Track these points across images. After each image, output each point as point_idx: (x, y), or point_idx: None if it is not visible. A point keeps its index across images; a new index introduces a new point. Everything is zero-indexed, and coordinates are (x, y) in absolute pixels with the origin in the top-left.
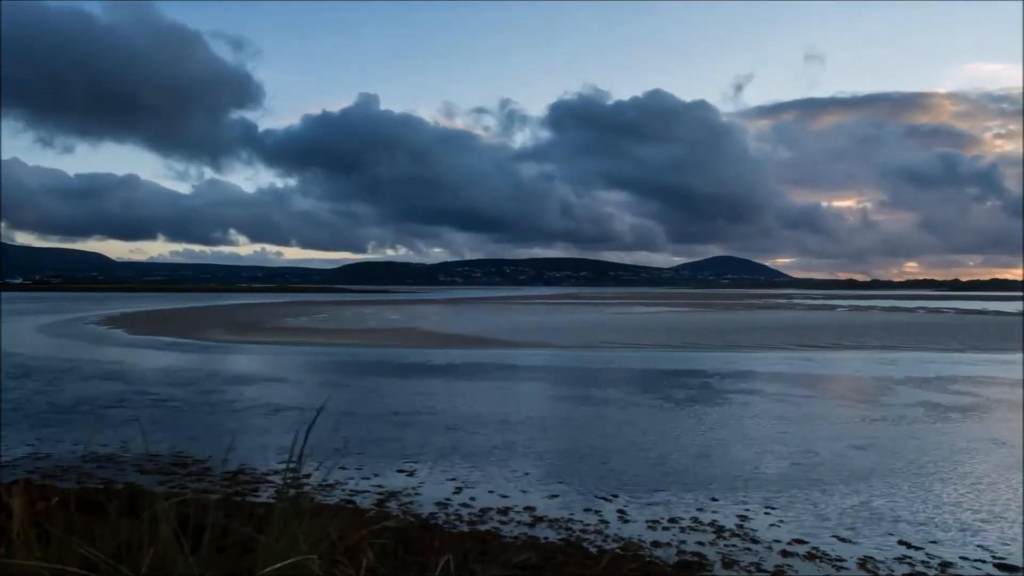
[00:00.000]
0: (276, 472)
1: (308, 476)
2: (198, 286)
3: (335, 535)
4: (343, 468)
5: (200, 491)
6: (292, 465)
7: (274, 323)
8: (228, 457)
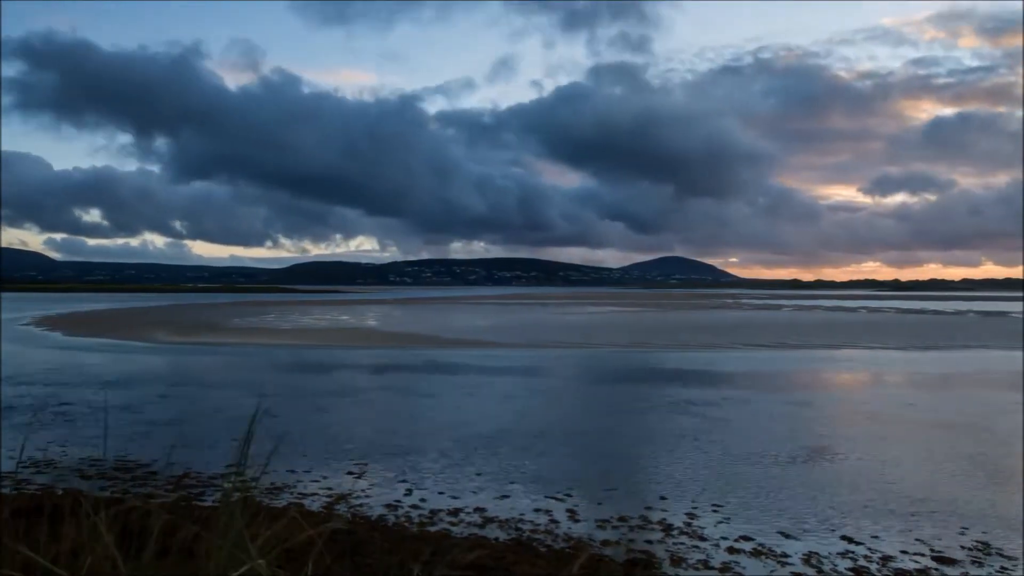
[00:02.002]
0: (223, 476)
1: (256, 479)
2: (142, 286)
3: (282, 538)
4: (292, 471)
5: (144, 496)
6: (237, 468)
7: (220, 323)
8: (173, 461)
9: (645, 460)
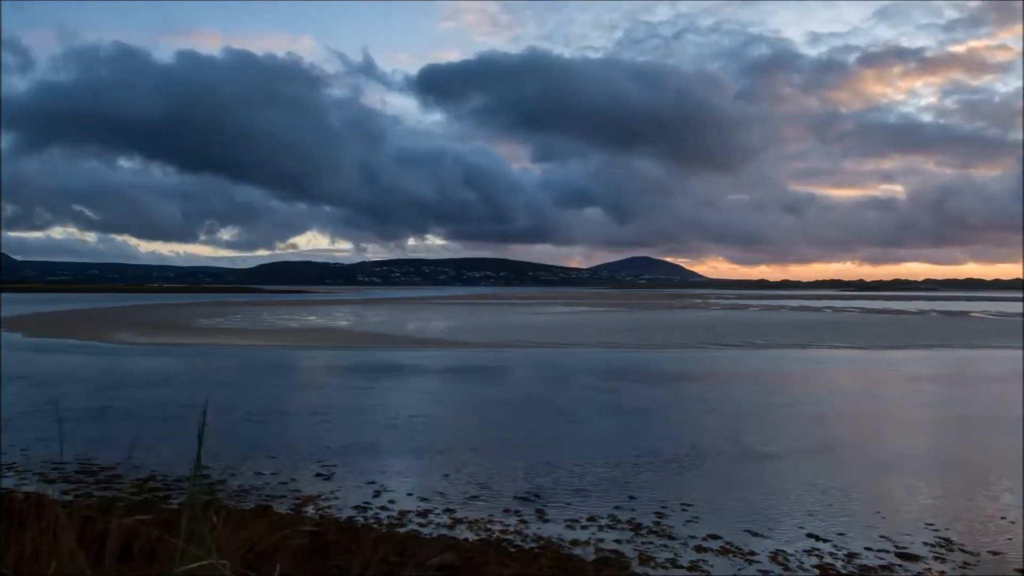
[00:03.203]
0: (189, 478)
1: (223, 482)
2: (106, 286)
3: (249, 540)
4: (259, 473)
5: (107, 499)
6: (202, 470)
7: (185, 324)
8: (138, 463)
9: (613, 460)
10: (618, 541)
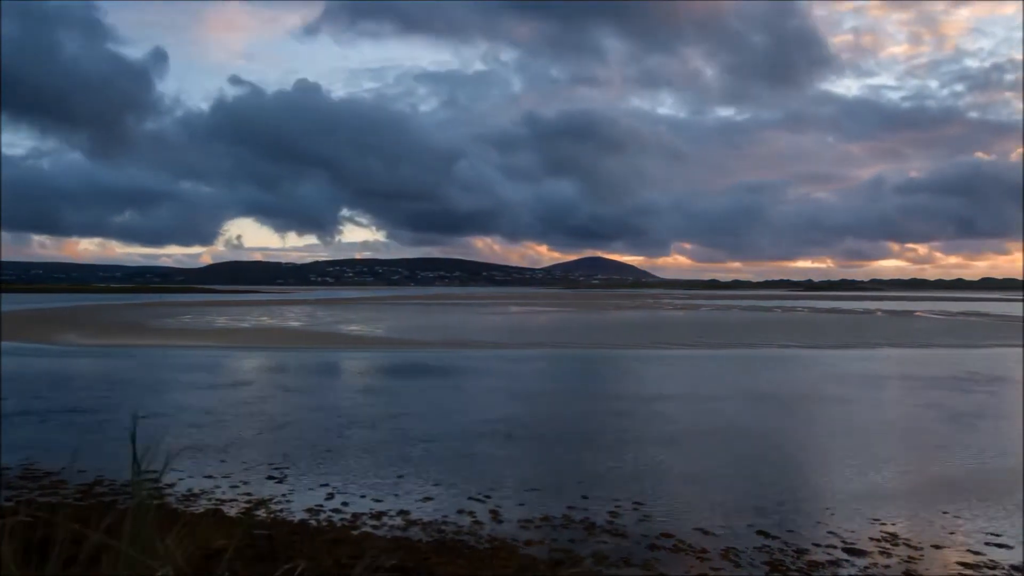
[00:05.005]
0: (136, 482)
1: (172, 485)
2: (51, 286)
3: (196, 543)
4: (209, 477)
5: (51, 504)
6: (145, 474)
7: (134, 325)
8: (83, 468)
9: (566, 460)
10: (572, 541)
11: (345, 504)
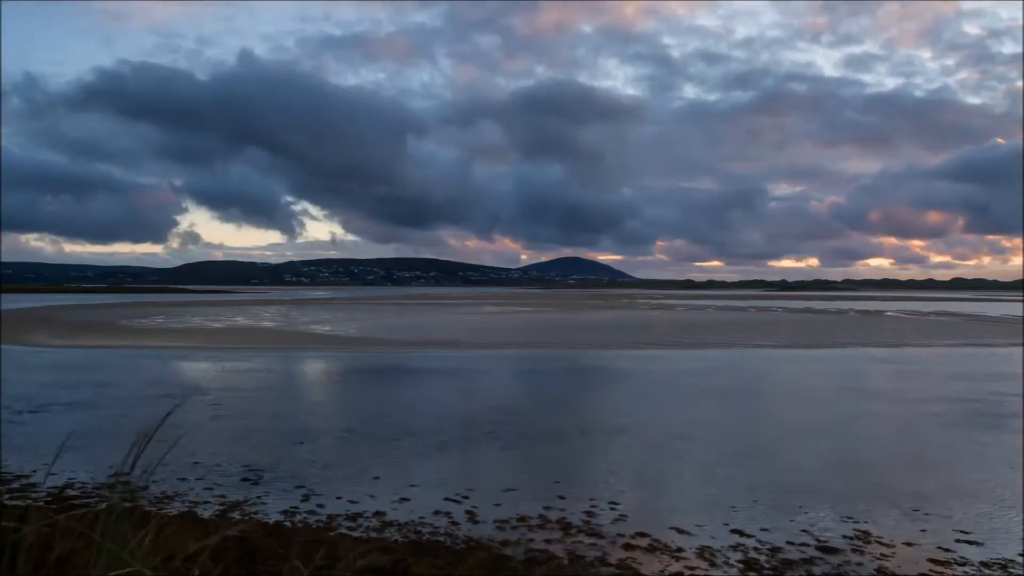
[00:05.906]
0: (109, 485)
1: (145, 488)
2: (21, 286)
3: (170, 546)
4: (183, 479)
5: (21, 507)
6: (121, 476)
7: (106, 325)
8: (54, 471)
9: (542, 460)
10: (548, 540)
11: (320, 506)
